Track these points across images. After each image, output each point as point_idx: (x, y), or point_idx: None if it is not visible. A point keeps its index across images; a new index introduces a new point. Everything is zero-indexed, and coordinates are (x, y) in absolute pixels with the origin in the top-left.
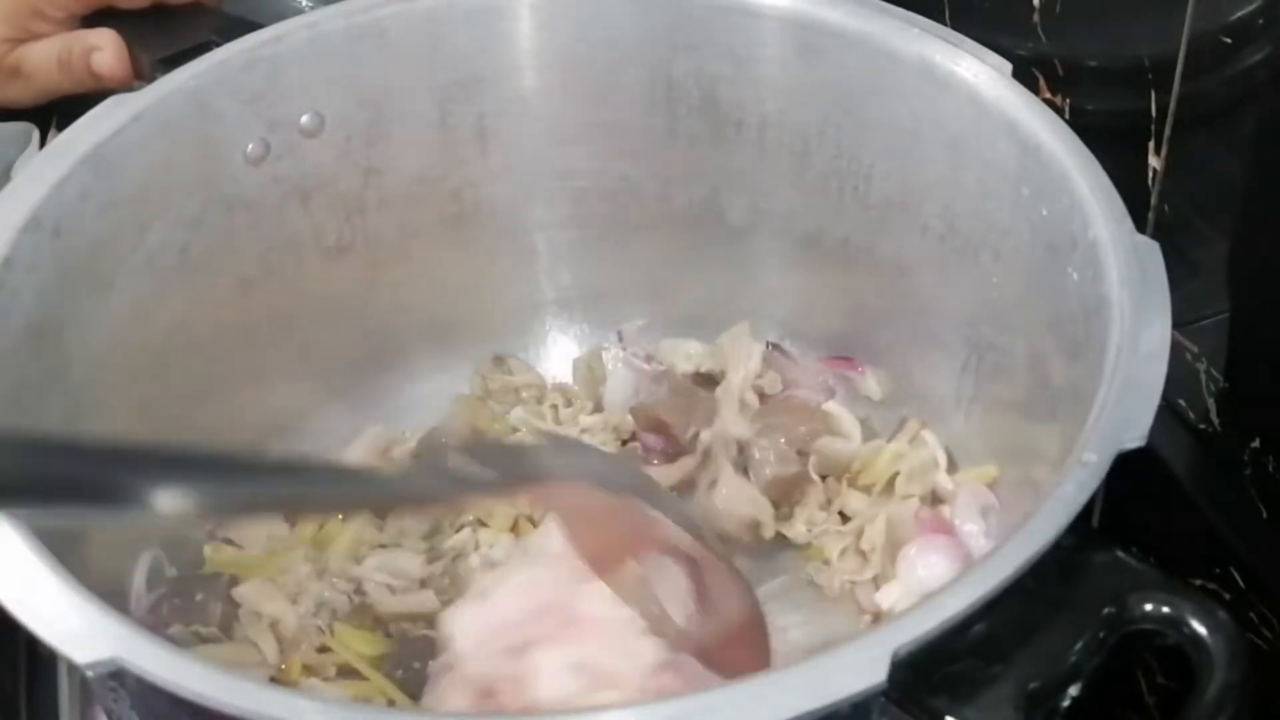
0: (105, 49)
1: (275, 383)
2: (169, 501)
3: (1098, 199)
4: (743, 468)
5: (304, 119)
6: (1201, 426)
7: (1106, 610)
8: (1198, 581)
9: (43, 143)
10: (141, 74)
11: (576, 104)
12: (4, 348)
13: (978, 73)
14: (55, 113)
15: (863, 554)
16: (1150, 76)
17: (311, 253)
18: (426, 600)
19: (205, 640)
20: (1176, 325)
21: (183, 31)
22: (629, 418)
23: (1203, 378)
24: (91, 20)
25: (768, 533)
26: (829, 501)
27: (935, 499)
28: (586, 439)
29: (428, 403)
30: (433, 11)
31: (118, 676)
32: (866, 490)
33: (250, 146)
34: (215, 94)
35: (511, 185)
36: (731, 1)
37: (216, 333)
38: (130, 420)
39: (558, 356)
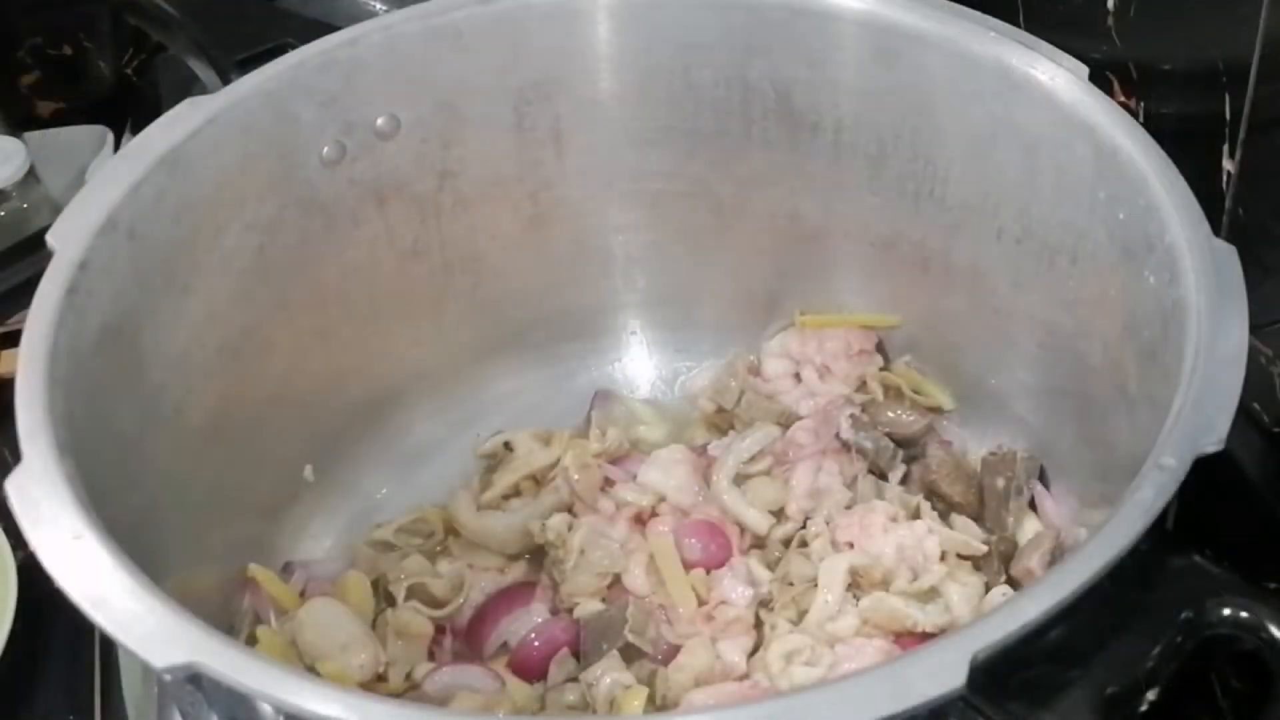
0: None
1: (351, 385)
2: None
3: (1175, 203)
4: None
5: (379, 121)
6: (1275, 430)
7: (1184, 615)
8: (1271, 584)
9: (117, 145)
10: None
11: (652, 107)
12: (80, 349)
13: (1054, 76)
14: (129, 115)
15: None
16: (1224, 80)
17: (387, 255)
18: None
19: None
20: (1250, 328)
21: (259, 34)
22: None
23: (1276, 381)
24: None
25: None
26: None
27: None
28: None
29: (504, 404)
30: (509, 14)
31: (194, 680)
32: None
33: (326, 149)
34: (291, 96)
35: (587, 188)
36: (807, 4)
37: (293, 334)
38: (205, 422)
39: (632, 359)
